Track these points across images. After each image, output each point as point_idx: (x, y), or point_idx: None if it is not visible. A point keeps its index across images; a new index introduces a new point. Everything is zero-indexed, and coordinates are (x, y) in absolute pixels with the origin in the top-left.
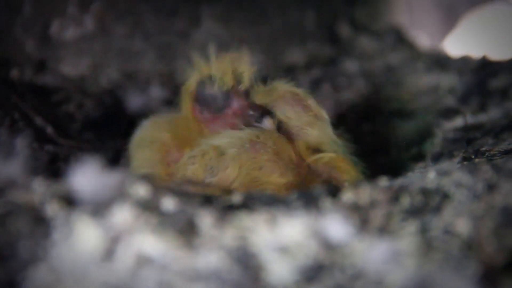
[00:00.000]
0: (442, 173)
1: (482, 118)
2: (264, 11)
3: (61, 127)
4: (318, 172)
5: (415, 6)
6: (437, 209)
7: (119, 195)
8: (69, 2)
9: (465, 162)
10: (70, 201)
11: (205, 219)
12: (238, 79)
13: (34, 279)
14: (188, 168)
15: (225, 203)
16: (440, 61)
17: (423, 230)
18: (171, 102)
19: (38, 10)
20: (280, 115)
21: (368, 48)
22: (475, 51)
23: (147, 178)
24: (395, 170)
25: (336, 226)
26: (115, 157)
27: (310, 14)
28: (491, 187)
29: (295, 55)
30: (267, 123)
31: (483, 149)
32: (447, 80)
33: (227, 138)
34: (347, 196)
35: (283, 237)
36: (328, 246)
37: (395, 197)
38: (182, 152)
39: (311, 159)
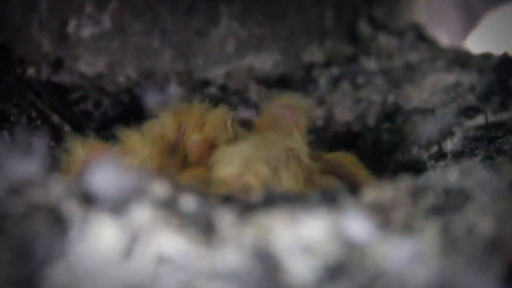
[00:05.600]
0: (465, 173)
1: (503, 116)
2: (283, 9)
3: (78, 126)
4: (328, 171)
5: (435, 5)
6: (460, 209)
7: (137, 194)
8: (86, 1)
9: (487, 161)
10: (87, 200)
11: (225, 218)
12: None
13: (52, 279)
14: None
15: (245, 202)
16: (460, 59)
17: (446, 230)
18: (189, 100)
19: (54, 8)
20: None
21: (388, 46)
22: (497, 50)
23: (164, 177)
24: (416, 168)
25: (358, 226)
26: None
27: (329, 12)
28: None
29: (314, 54)
30: None
31: (505, 148)
32: (468, 78)
33: (266, 150)
34: (369, 195)
35: (304, 237)
36: (350, 245)
37: (417, 197)
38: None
39: (321, 157)
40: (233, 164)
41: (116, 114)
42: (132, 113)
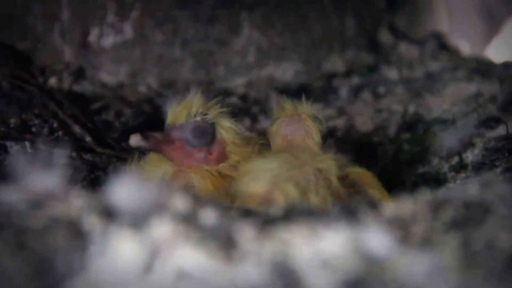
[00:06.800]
0: (485, 185)
1: None
2: (304, 18)
3: (100, 136)
4: (346, 187)
5: (456, 14)
6: (480, 223)
7: (157, 208)
8: (108, 10)
9: (507, 173)
10: (108, 214)
11: (245, 233)
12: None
13: None
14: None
15: (265, 217)
16: (482, 68)
17: (466, 244)
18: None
19: (76, 17)
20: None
21: (409, 55)
22: None
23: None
24: (437, 179)
25: (378, 240)
26: None
27: (350, 21)
28: None
29: (335, 63)
30: None
31: None
32: (489, 88)
33: (296, 171)
34: (389, 209)
35: (324, 251)
36: (370, 260)
37: (437, 211)
38: None
39: (339, 174)
40: (261, 181)
41: (138, 123)
42: (154, 122)
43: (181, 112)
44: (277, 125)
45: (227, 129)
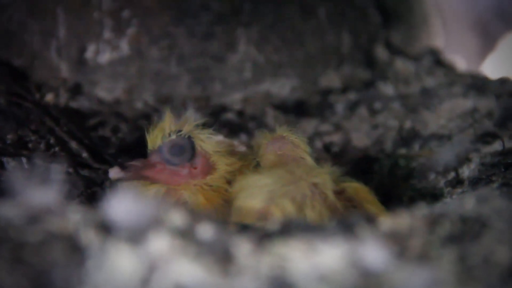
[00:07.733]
0: (482, 200)
1: None
2: (300, 35)
3: (96, 152)
4: (342, 201)
5: (452, 30)
6: (477, 237)
7: (155, 223)
8: (104, 26)
9: (504, 188)
10: (105, 229)
11: (242, 247)
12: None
13: None
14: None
15: (262, 231)
16: (478, 84)
17: (463, 259)
18: (207, 126)
19: (73, 33)
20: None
21: (405, 71)
22: None
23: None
24: (433, 195)
25: (375, 254)
26: None
27: (346, 37)
28: None
29: (331, 79)
30: None
31: None
32: (485, 104)
33: (292, 186)
34: (386, 224)
35: (321, 265)
36: (367, 274)
37: (434, 225)
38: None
39: (335, 188)
40: (257, 197)
41: (134, 139)
42: None
43: (157, 135)
44: (264, 148)
45: (206, 139)
